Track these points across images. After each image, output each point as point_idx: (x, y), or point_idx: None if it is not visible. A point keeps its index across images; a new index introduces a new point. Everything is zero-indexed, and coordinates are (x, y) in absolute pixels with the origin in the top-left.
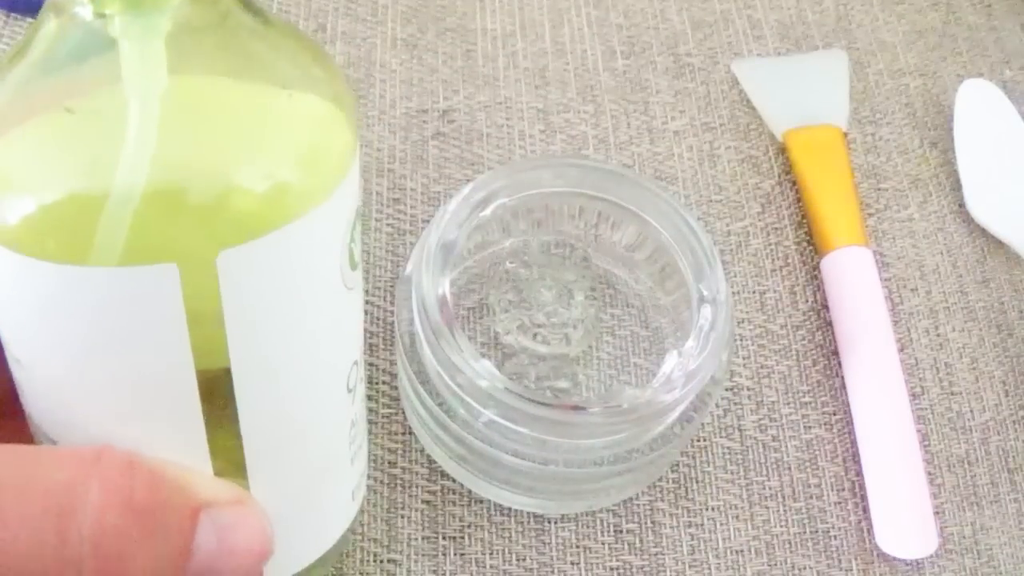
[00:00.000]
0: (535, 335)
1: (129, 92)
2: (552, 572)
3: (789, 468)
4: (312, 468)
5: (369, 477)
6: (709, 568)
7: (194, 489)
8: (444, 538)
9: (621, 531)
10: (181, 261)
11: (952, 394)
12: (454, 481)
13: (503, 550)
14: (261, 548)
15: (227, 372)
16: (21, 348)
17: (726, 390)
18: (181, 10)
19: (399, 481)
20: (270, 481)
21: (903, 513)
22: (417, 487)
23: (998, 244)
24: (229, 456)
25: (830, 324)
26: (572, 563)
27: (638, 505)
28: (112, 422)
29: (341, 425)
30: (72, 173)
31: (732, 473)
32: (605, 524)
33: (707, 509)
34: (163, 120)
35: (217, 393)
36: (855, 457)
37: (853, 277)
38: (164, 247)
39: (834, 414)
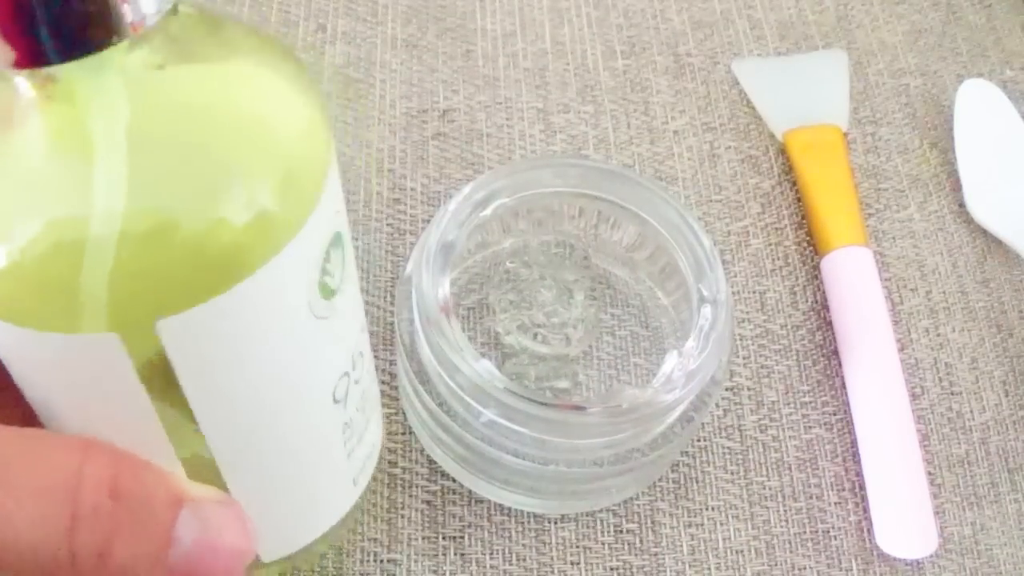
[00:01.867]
0: (535, 335)
1: (82, 146)
2: (552, 572)
3: (789, 468)
4: (297, 470)
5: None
6: (709, 568)
7: (177, 483)
8: (444, 538)
9: (621, 531)
10: (122, 328)
11: (952, 394)
12: (454, 481)
13: (503, 550)
14: (244, 547)
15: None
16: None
17: (726, 390)
18: (128, 57)
19: (399, 481)
20: (248, 487)
21: (903, 513)
22: (417, 487)
23: (998, 244)
24: (204, 467)
25: (830, 324)
26: (572, 563)
27: (638, 505)
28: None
29: (329, 432)
30: (20, 235)
31: (732, 473)
32: (605, 524)
33: (707, 509)
34: (113, 177)
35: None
36: (855, 457)
37: (853, 277)
38: (104, 313)
39: (834, 414)
